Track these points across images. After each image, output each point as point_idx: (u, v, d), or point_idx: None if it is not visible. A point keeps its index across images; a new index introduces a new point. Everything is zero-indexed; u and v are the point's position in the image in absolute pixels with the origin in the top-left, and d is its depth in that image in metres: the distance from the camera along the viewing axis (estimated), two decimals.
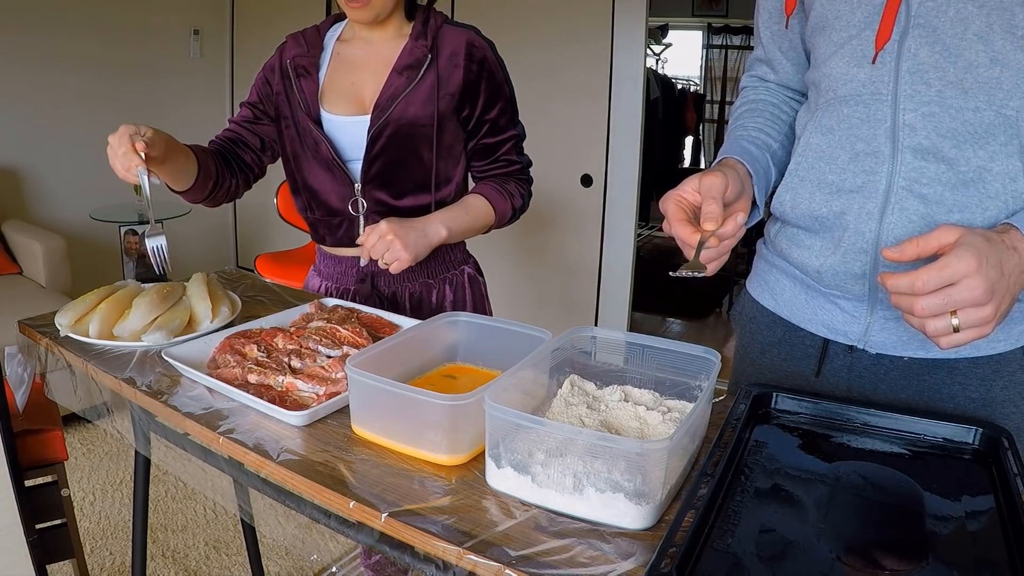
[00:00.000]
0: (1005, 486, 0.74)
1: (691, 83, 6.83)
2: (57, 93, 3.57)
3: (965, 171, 0.82)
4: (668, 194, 0.87)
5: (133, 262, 3.38)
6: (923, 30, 0.81)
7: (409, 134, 1.29)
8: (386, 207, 1.34)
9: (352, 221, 1.36)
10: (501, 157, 1.38)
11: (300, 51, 1.35)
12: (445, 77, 1.29)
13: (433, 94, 1.29)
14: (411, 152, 1.31)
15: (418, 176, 1.33)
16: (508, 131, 1.37)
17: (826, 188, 0.91)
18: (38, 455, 1.60)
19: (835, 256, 0.91)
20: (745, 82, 1.12)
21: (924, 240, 0.73)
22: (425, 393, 0.81)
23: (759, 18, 1.05)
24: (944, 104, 0.82)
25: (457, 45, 1.30)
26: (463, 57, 1.30)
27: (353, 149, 1.32)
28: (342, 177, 1.33)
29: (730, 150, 0.97)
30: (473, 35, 1.32)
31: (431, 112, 1.29)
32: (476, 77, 1.31)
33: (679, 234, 0.84)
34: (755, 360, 1.08)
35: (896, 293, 0.73)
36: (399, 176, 1.33)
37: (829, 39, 0.90)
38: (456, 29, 1.32)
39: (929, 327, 0.72)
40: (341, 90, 1.33)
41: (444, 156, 1.34)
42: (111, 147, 1.15)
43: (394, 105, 1.27)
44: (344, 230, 1.38)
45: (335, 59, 1.35)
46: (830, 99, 0.91)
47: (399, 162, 1.31)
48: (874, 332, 0.93)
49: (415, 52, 1.29)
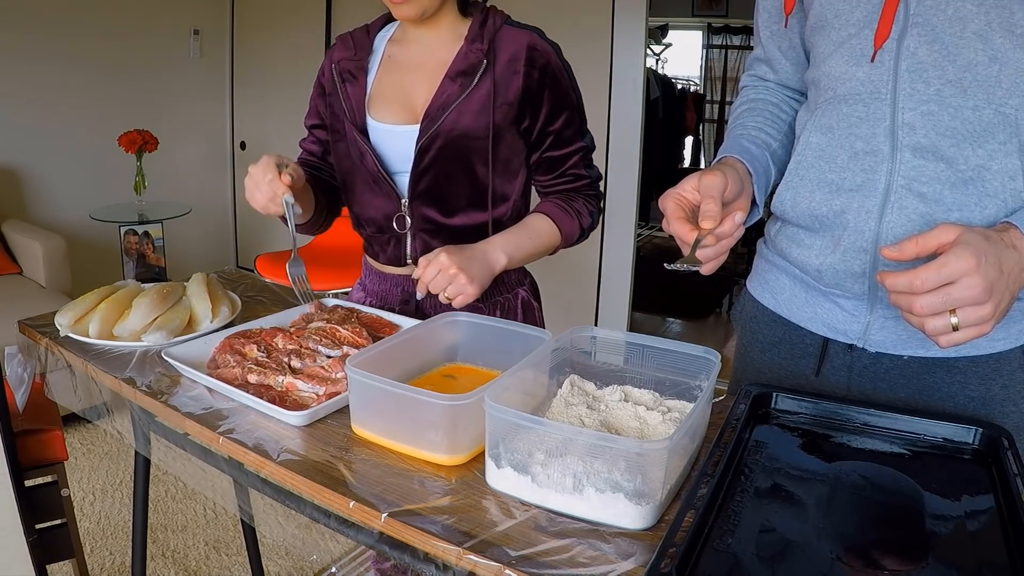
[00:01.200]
0: (1005, 486, 0.74)
1: (691, 83, 6.82)
2: (57, 93, 3.57)
3: (964, 170, 0.82)
4: (667, 192, 0.87)
5: (133, 262, 3.38)
6: (922, 28, 0.81)
7: (461, 147, 1.18)
8: (435, 225, 1.23)
9: (399, 239, 1.27)
10: (568, 171, 1.25)
11: (347, 54, 1.26)
12: (503, 84, 1.17)
13: (488, 103, 1.17)
14: (463, 166, 1.20)
15: (471, 192, 1.22)
16: (575, 143, 1.24)
17: (826, 187, 0.91)
18: (38, 455, 1.60)
19: (835, 255, 0.91)
20: (744, 81, 1.12)
21: (923, 239, 0.73)
22: (425, 393, 0.81)
23: (758, 17, 1.05)
24: (943, 103, 0.82)
25: (517, 49, 1.17)
26: (523, 62, 1.17)
27: (401, 161, 1.22)
28: (388, 191, 1.23)
29: (729, 149, 0.97)
30: (536, 37, 1.19)
31: (486, 123, 1.17)
32: (538, 84, 1.18)
33: (677, 232, 0.84)
34: (755, 359, 1.08)
35: (895, 292, 0.73)
36: (450, 192, 1.21)
37: (828, 38, 0.90)
38: (517, 31, 1.19)
39: (928, 326, 0.72)
40: (390, 96, 1.22)
41: (500, 171, 1.22)
42: (252, 177, 1.12)
43: (445, 115, 1.16)
44: (392, 248, 1.28)
45: (385, 62, 1.25)
46: (829, 98, 0.91)
47: (450, 177, 1.20)
48: (874, 331, 0.93)
49: (470, 56, 1.17)
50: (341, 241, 3.32)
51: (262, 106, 4.30)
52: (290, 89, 4.12)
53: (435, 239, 1.24)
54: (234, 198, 4.53)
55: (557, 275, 3.42)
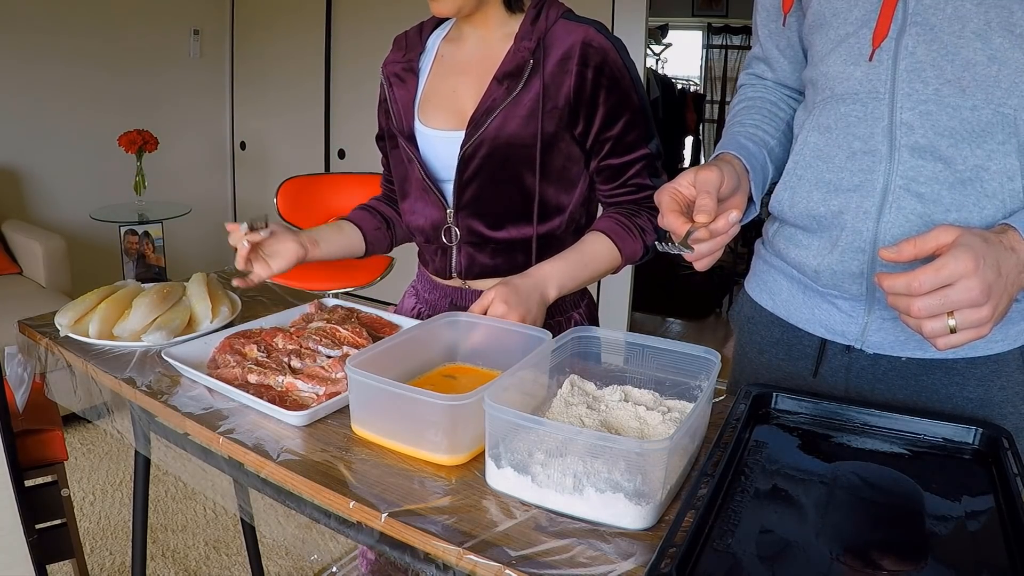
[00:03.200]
0: (1005, 486, 0.74)
1: (691, 83, 6.82)
2: (58, 93, 3.57)
3: (962, 170, 0.82)
4: (663, 187, 0.86)
5: (133, 262, 3.38)
6: (921, 28, 0.81)
7: (507, 155, 1.10)
8: (481, 238, 1.17)
9: (446, 251, 1.20)
10: (630, 181, 1.14)
11: (397, 55, 1.20)
12: (553, 86, 1.08)
13: (537, 107, 1.08)
14: (510, 175, 1.11)
15: (519, 204, 1.13)
16: (638, 150, 1.13)
17: (823, 187, 0.91)
18: (38, 455, 1.60)
19: (832, 255, 0.91)
20: (743, 80, 1.12)
21: (921, 240, 0.73)
22: (425, 393, 0.81)
23: (757, 16, 1.05)
24: (941, 102, 0.81)
25: (570, 45, 1.07)
26: (576, 60, 1.07)
27: (448, 169, 1.15)
28: (435, 200, 1.17)
29: (727, 145, 0.97)
30: (592, 32, 1.08)
31: (534, 129, 1.09)
32: (593, 85, 1.08)
33: (670, 224, 0.83)
34: (753, 360, 1.08)
35: (893, 293, 0.73)
36: (496, 203, 1.14)
37: (826, 36, 0.90)
38: (573, 25, 1.09)
39: (926, 328, 0.71)
40: (440, 99, 1.16)
41: (553, 181, 1.13)
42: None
43: (490, 120, 1.09)
44: (439, 259, 1.22)
45: (438, 62, 1.18)
46: (827, 97, 0.91)
47: (496, 186, 1.13)
48: (872, 332, 0.93)
49: (518, 56, 1.09)
50: None
51: (262, 106, 4.30)
52: (290, 89, 4.13)
53: (481, 253, 1.19)
54: (234, 198, 4.53)
55: None
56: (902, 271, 0.72)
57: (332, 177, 3.64)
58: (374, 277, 3.08)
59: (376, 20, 3.73)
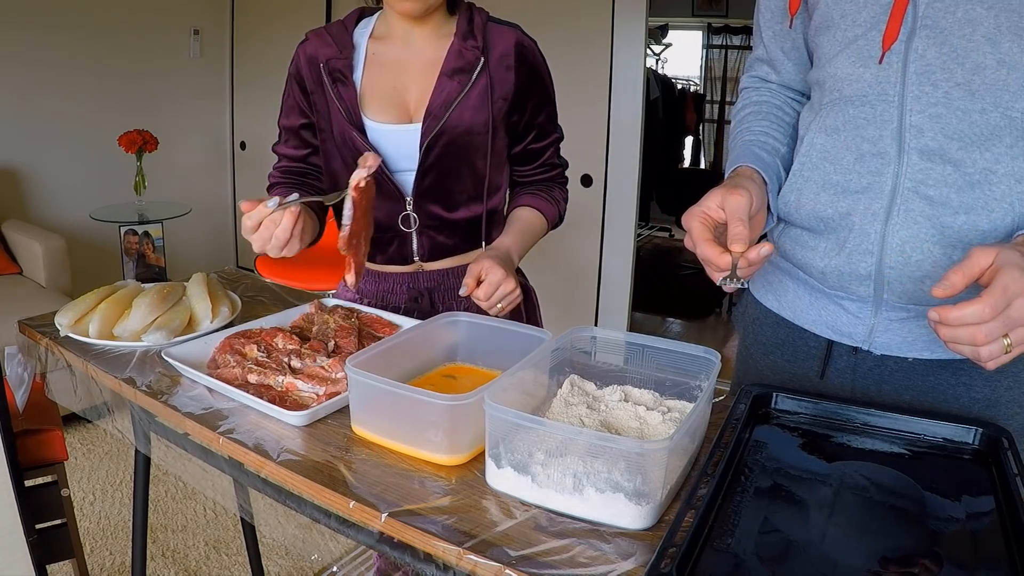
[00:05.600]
0: (1005, 486, 0.74)
1: (691, 83, 6.82)
2: (57, 93, 3.57)
3: (971, 173, 0.82)
4: (692, 210, 0.84)
5: (133, 262, 3.38)
6: (931, 31, 0.81)
7: (464, 143, 1.21)
8: (440, 221, 1.26)
9: (404, 238, 1.27)
10: (546, 162, 1.33)
11: (331, 52, 1.22)
12: (497, 80, 1.20)
13: (486, 99, 1.20)
14: (465, 162, 1.22)
15: (471, 187, 1.25)
16: (552, 134, 1.32)
17: (831, 189, 0.91)
18: (38, 455, 1.60)
19: (840, 257, 0.91)
20: (746, 83, 1.11)
21: (967, 268, 0.71)
22: (425, 393, 0.81)
23: (760, 17, 1.04)
24: (951, 106, 0.81)
25: (506, 46, 1.21)
26: (514, 59, 1.21)
27: (401, 160, 1.22)
28: (390, 191, 1.23)
29: (743, 157, 0.96)
30: (520, 34, 1.23)
31: (485, 118, 1.20)
32: (528, 81, 1.23)
33: (707, 255, 0.81)
34: (758, 362, 1.08)
35: (960, 325, 0.70)
36: (454, 187, 1.24)
37: (834, 38, 0.90)
38: (502, 28, 1.23)
39: (984, 352, 0.70)
40: (383, 96, 1.21)
41: (495, 164, 1.26)
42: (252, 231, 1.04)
43: (449, 112, 1.18)
44: (395, 247, 1.28)
45: (371, 60, 1.23)
46: (835, 99, 0.90)
47: (453, 172, 1.23)
48: (879, 333, 0.93)
49: (465, 54, 1.19)
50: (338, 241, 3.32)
51: (262, 106, 4.30)
52: None
53: (440, 234, 1.27)
54: (234, 198, 4.53)
55: (557, 275, 3.42)
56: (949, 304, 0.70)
57: None
58: None
59: None
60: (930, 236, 0.84)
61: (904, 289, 0.87)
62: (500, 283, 1.12)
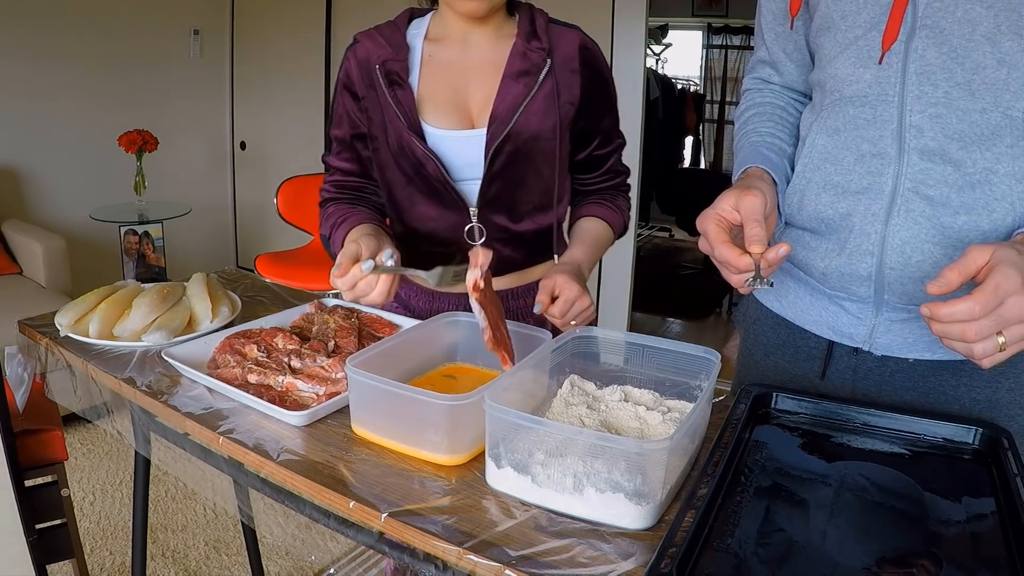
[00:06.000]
0: (1005, 486, 0.74)
1: (691, 83, 6.82)
2: (57, 93, 3.57)
3: (972, 173, 0.82)
4: (706, 213, 0.84)
5: (133, 262, 3.38)
6: (930, 31, 0.81)
7: (531, 149, 1.14)
8: (506, 233, 1.19)
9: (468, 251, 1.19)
10: (610, 168, 1.26)
11: (386, 53, 1.16)
12: (563, 84, 1.15)
13: (553, 103, 1.14)
14: (532, 169, 1.16)
15: (538, 196, 1.19)
16: (616, 140, 1.26)
17: (832, 189, 0.91)
18: (38, 455, 1.60)
19: (840, 258, 0.90)
20: (748, 84, 1.10)
21: (963, 266, 0.71)
22: (425, 393, 0.81)
23: (762, 19, 1.04)
24: (951, 105, 0.81)
25: (570, 48, 1.15)
26: (579, 62, 1.16)
27: (463, 168, 1.15)
28: (453, 202, 1.16)
29: (751, 158, 0.96)
30: (584, 36, 1.18)
31: (552, 123, 1.14)
32: (592, 85, 1.18)
33: (725, 256, 0.81)
34: (759, 362, 1.07)
35: (949, 321, 0.70)
36: (520, 197, 1.18)
37: (834, 39, 0.89)
38: (564, 29, 1.17)
39: (977, 349, 0.70)
40: (442, 100, 1.15)
41: (562, 172, 1.20)
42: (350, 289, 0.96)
43: (515, 116, 1.11)
44: (457, 263, 1.14)
45: (427, 62, 1.16)
46: (835, 100, 0.90)
47: (520, 181, 1.16)
48: (879, 334, 0.92)
49: (530, 55, 1.13)
50: None
51: (262, 106, 4.30)
52: (290, 89, 4.12)
53: (506, 247, 1.20)
54: (234, 198, 4.53)
55: None
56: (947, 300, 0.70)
57: None
58: None
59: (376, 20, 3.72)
60: (931, 236, 0.84)
61: (905, 290, 0.87)
62: (575, 300, 1.06)
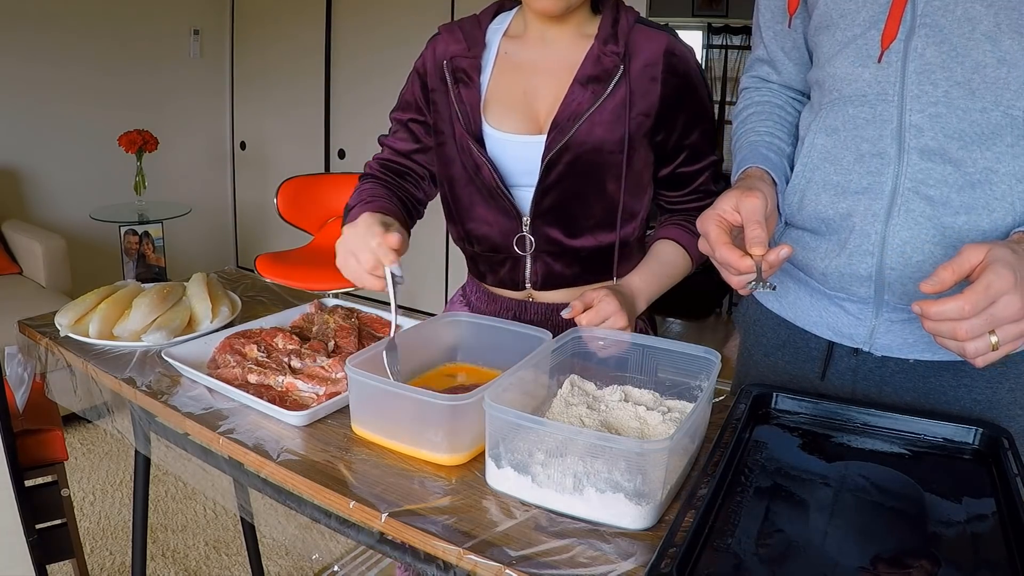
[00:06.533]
0: (1005, 486, 0.74)
1: None
2: (57, 93, 3.57)
3: (972, 172, 0.81)
4: (707, 214, 0.83)
5: (133, 262, 3.38)
6: (930, 29, 0.80)
7: (593, 161, 1.06)
8: (559, 248, 1.12)
9: (517, 262, 1.14)
10: (699, 187, 1.14)
11: (458, 49, 1.10)
12: (639, 92, 1.06)
13: (623, 113, 1.05)
14: (593, 183, 1.08)
15: (600, 211, 1.10)
16: (707, 157, 1.13)
17: (831, 189, 0.90)
18: (38, 455, 1.60)
19: (840, 258, 0.90)
20: (746, 83, 1.10)
21: (957, 265, 0.71)
22: (425, 393, 0.81)
23: (760, 17, 1.04)
24: (951, 105, 0.81)
25: (653, 53, 1.06)
26: (662, 69, 1.06)
27: (522, 175, 1.09)
28: (507, 208, 1.10)
29: (751, 158, 0.95)
30: (673, 41, 1.08)
31: (620, 135, 1.05)
32: (676, 94, 1.07)
33: (726, 258, 0.80)
34: (759, 362, 1.07)
35: (940, 319, 0.70)
36: (577, 211, 1.10)
37: (833, 38, 0.89)
38: (652, 32, 1.08)
39: (969, 348, 0.70)
40: (510, 101, 1.09)
41: (631, 187, 1.10)
42: (349, 242, 0.94)
43: (577, 125, 1.04)
44: (507, 270, 1.15)
45: (501, 60, 1.11)
46: (834, 99, 0.90)
47: (578, 194, 1.08)
48: (879, 335, 0.92)
49: (603, 60, 1.05)
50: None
51: (262, 106, 4.30)
52: (290, 89, 4.12)
53: (557, 262, 1.13)
54: (234, 198, 4.53)
55: None
56: (937, 298, 0.70)
57: (332, 177, 3.64)
58: None
59: (376, 20, 3.73)
60: (931, 237, 0.84)
61: (905, 290, 0.87)
62: (609, 315, 0.98)
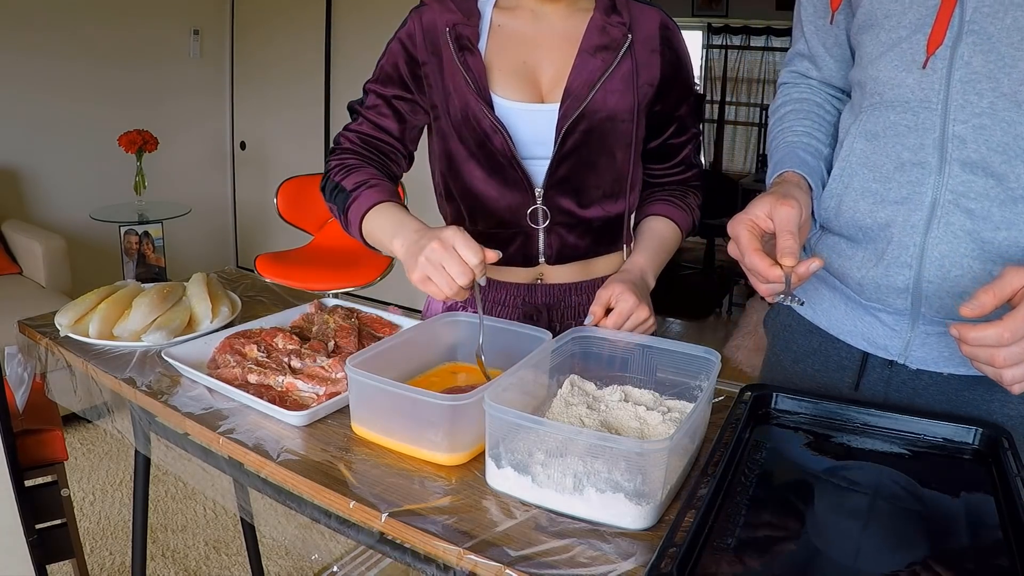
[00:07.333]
0: (1005, 486, 0.74)
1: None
2: (58, 93, 3.57)
3: (1015, 187, 0.79)
4: (738, 217, 0.82)
5: (133, 262, 3.38)
6: (977, 37, 0.78)
7: (605, 130, 1.07)
8: (573, 219, 1.12)
9: (529, 236, 1.12)
10: (683, 160, 1.18)
11: (456, 18, 1.08)
12: (643, 64, 1.08)
13: (631, 82, 1.07)
14: (605, 152, 1.09)
15: (610, 181, 1.11)
16: (691, 130, 1.18)
17: (870, 197, 0.88)
18: (38, 455, 1.60)
19: (877, 269, 0.88)
20: (785, 77, 1.07)
21: (998, 288, 0.70)
22: (425, 393, 0.81)
23: (801, 11, 1.01)
24: (996, 116, 0.78)
25: (651, 27, 1.09)
26: (659, 42, 1.09)
27: (532, 145, 1.08)
28: (517, 180, 1.09)
29: (787, 161, 0.93)
30: (664, 16, 1.12)
31: (630, 104, 1.08)
32: (671, 67, 1.11)
33: (755, 265, 0.79)
34: (787, 369, 1.05)
35: (978, 346, 0.70)
36: (590, 181, 1.10)
37: (877, 39, 0.86)
38: (644, 7, 1.11)
39: (1007, 376, 0.69)
40: (511, 70, 1.08)
41: (636, 158, 1.13)
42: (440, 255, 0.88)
43: (592, 93, 1.05)
44: (518, 245, 1.13)
45: (496, 32, 1.10)
46: (876, 103, 0.87)
47: (592, 163, 1.09)
48: (915, 347, 0.90)
49: (610, 30, 1.07)
50: (340, 241, 3.32)
51: (262, 106, 4.30)
52: (290, 89, 4.13)
53: (571, 234, 1.13)
54: (234, 198, 4.53)
55: None
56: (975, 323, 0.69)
57: None
58: (374, 277, 3.08)
59: (376, 20, 3.73)
60: (970, 251, 0.82)
61: (942, 304, 0.85)
62: (632, 312, 0.99)
